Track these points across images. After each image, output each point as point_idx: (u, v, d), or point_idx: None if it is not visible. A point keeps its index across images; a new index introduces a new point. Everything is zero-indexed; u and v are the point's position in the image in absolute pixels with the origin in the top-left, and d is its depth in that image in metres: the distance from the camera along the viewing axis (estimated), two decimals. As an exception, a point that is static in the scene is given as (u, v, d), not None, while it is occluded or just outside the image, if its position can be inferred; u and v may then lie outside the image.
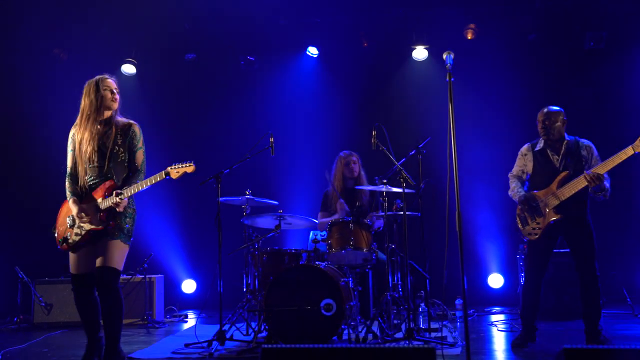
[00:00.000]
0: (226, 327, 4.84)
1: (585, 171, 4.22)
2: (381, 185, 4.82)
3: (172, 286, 7.53)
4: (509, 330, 5.25)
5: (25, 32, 7.24)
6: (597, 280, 4.33)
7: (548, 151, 4.47)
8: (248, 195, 5.10)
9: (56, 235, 3.91)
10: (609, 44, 7.09)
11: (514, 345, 4.45)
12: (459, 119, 3.42)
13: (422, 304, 5.22)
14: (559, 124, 4.44)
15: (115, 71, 7.61)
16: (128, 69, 7.63)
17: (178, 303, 7.27)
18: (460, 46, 7.14)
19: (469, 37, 7.34)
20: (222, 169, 4.96)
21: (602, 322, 4.32)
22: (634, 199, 6.99)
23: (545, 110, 4.49)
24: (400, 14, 7.32)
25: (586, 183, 4.17)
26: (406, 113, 7.39)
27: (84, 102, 3.85)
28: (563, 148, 4.42)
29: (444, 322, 5.37)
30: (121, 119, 3.89)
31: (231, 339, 4.74)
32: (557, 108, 4.50)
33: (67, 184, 3.86)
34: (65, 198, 3.92)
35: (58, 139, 7.02)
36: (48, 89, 7.41)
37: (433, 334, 4.77)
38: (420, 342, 4.42)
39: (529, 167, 4.56)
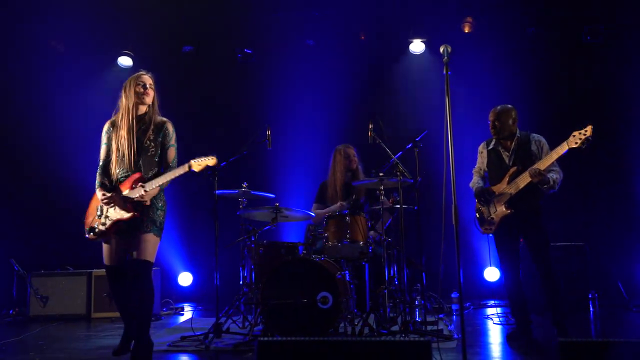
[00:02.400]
0: (222, 320, 4.84)
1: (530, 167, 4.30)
2: (376, 179, 4.81)
3: (169, 279, 7.52)
4: (505, 324, 5.26)
5: (22, 24, 7.20)
6: (553, 270, 4.36)
7: (499, 148, 4.56)
8: (245, 188, 5.09)
9: (84, 224, 3.96)
10: (606, 38, 7.09)
11: (510, 339, 4.47)
12: (456, 112, 3.42)
13: (418, 297, 5.23)
14: (510, 122, 4.49)
15: (112, 63, 7.61)
16: (125, 61, 7.59)
17: (174, 296, 7.26)
18: (457, 39, 7.13)
19: (466, 31, 7.32)
20: (218, 162, 4.93)
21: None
22: (631, 192, 7.00)
23: (497, 110, 4.53)
24: (397, 7, 7.30)
25: (530, 179, 4.25)
26: (403, 106, 7.38)
27: (121, 99, 3.97)
28: (513, 144, 4.49)
29: (440, 316, 5.39)
30: (158, 117, 4.02)
31: (227, 331, 4.74)
32: (508, 106, 4.54)
33: (97, 175, 3.96)
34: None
35: (56, 131, 7.06)
36: (45, 80, 7.37)
37: (429, 327, 4.78)
38: (416, 335, 4.43)
39: (485, 165, 4.66)
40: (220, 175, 4.92)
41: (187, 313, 6.61)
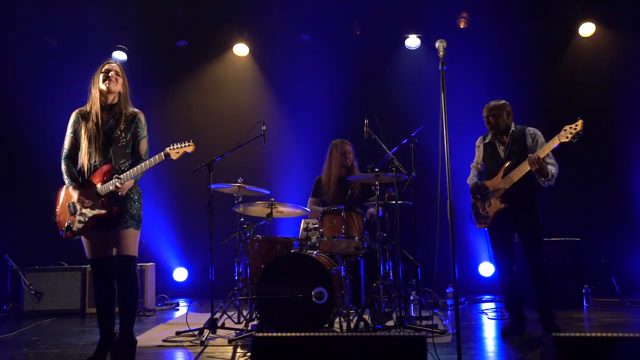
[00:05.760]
0: (218, 315, 4.84)
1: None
2: (371, 175, 4.81)
3: (164, 274, 7.51)
4: (499, 318, 5.29)
5: (15, 19, 7.15)
6: (544, 267, 4.36)
7: (495, 142, 4.58)
8: (240, 183, 5.09)
9: (57, 222, 3.86)
10: (599, 32, 7.12)
11: (504, 333, 4.49)
12: (451, 108, 3.42)
13: (414, 292, 5.24)
14: (504, 116, 4.50)
15: (106, 57, 7.55)
16: (119, 55, 7.56)
17: (169, 291, 7.25)
18: (452, 35, 7.13)
19: (462, 26, 7.33)
20: (213, 157, 4.93)
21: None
22: (626, 188, 7.04)
23: (490, 105, 4.54)
24: (392, 2, 7.29)
25: (529, 167, 4.24)
26: (398, 101, 7.38)
27: (90, 90, 3.86)
28: (508, 138, 4.50)
29: (435, 311, 5.40)
30: (129, 107, 3.89)
31: (223, 327, 4.74)
32: (501, 101, 4.54)
33: (63, 167, 3.80)
34: (61, 184, 3.86)
35: (49, 126, 7.00)
36: (38, 75, 7.33)
37: (424, 322, 4.79)
38: (411, 330, 4.44)
39: (481, 158, 4.68)
40: (215, 171, 4.91)
41: (182, 308, 6.61)
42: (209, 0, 7.42)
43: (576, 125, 4.06)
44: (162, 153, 3.74)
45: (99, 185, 3.70)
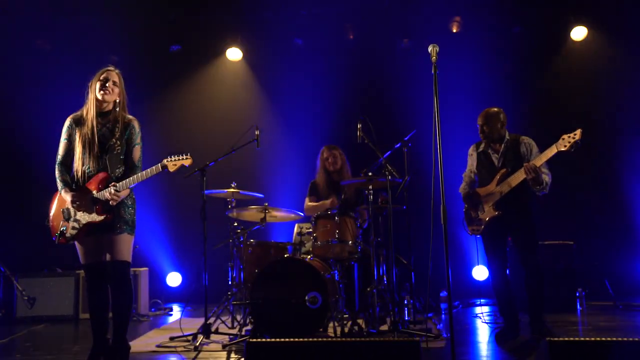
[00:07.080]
0: (211, 320, 4.82)
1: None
2: (364, 179, 4.81)
3: (157, 279, 7.48)
4: (493, 322, 5.28)
5: (6, 22, 7.11)
6: (539, 271, 4.36)
7: (489, 151, 4.58)
8: (233, 188, 5.08)
9: (50, 228, 3.85)
10: (591, 36, 7.16)
11: (498, 337, 4.49)
12: (444, 112, 3.42)
13: (407, 297, 5.24)
14: (498, 125, 4.50)
15: (99, 62, 7.51)
16: (111, 59, 7.54)
17: (163, 296, 7.22)
18: (445, 39, 7.16)
19: (454, 30, 7.35)
20: (207, 162, 4.92)
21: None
22: (619, 192, 7.06)
23: (485, 114, 4.54)
24: (385, 6, 7.31)
25: (525, 175, 4.24)
26: (392, 106, 7.39)
27: (87, 94, 3.86)
28: (502, 147, 4.50)
29: (429, 315, 5.40)
30: (124, 115, 3.89)
31: (216, 332, 4.73)
32: (495, 109, 4.54)
33: (57, 173, 3.80)
34: (55, 189, 3.84)
35: (41, 131, 6.98)
36: (31, 79, 7.29)
37: (418, 327, 4.79)
38: (405, 335, 4.44)
39: (474, 167, 4.68)
40: (209, 175, 4.90)
41: (176, 313, 6.58)
42: (202, 5, 7.41)
43: (575, 134, 4.06)
44: (159, 165, 3.75)
45: (94, 193, 3.70)
